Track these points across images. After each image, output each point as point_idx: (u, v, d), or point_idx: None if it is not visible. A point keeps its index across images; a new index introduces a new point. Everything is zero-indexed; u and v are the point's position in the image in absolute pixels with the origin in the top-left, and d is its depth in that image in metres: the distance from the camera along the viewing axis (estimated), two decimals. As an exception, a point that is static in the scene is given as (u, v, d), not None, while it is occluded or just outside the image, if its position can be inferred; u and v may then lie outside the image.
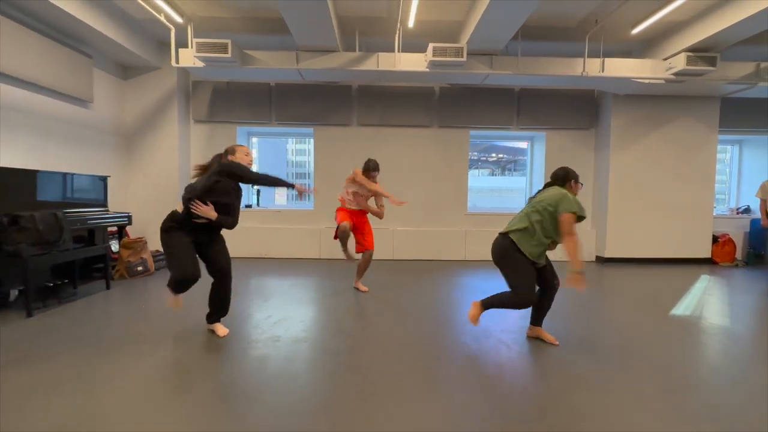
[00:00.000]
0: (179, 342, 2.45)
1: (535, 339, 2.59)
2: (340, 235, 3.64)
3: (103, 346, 2.37)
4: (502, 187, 7.97)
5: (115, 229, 4.55)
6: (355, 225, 3.68)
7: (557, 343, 2.50)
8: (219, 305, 2.57)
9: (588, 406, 1.75)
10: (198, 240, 2.41)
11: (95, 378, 1.96)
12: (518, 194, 7.33)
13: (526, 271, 2.35)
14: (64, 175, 3.99)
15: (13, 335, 2.53)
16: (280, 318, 2.98)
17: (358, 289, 3.88)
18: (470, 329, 2.74)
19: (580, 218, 2.29)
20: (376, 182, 3.67)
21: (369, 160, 3.66)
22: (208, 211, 2.29)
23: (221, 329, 2.57)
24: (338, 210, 3.79)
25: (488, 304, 2.45)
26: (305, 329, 2.74)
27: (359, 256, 3.79)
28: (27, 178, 3.54)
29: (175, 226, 2.33)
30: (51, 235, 3.08)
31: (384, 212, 3.79)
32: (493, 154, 7.75)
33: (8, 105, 3.69)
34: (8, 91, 3.69)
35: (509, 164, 7.49)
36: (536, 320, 2.59)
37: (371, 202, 3.82)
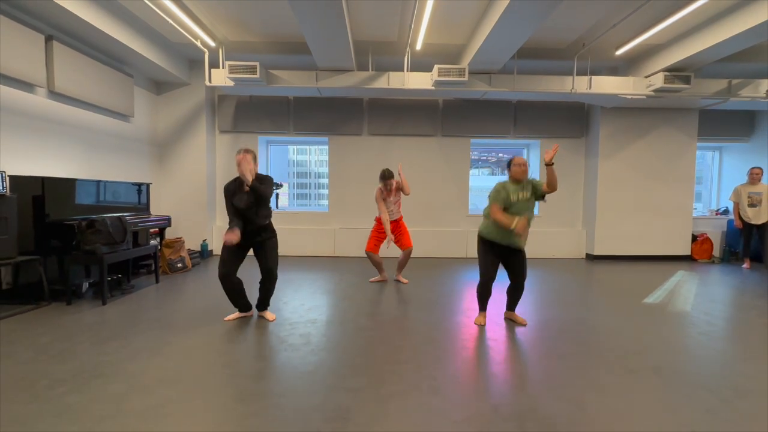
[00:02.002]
0: (239, 325, 3.02)
1: (509, 320, 3.19)
2: (372, 261, 4.36)
3: (178, 325, 2.94)
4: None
5: (156, 230, 5.11)
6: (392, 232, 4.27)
7: (526, 323, 3.07)
8: (261, 297, 3.13)
9: (562, 375, 2.32)
10: (248, 243, 2.98)
11: (177, 347, 2.52)
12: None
13: (482, 256, 2.99)
14: (115, 183, 4.55)
15: (97, 318, 3.09)
16: (312, 305, 3.54)
17: (399, 281, 4.50)
18: (471, 313, 3.31)
19: (505, 202, 2.85)
20: (393, 188, 4.22)
21: (383, 171, 4.22)
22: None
23: (270, 315, 3.14)
24: (372, 232, 4.38)
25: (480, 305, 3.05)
26: (335, 313, 3.31)
27: (384, 275, 4.50)
28: (85, 187, 4.09)
29: None
30: (118, 236, 3.64)
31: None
32: (493, 154, 8.31)
33: (62, 120, 4.23)
34: (62, 109, 4.23)
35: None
36: (510, 306, 3.17)
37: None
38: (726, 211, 6.79)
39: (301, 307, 3.47)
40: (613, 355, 2.51)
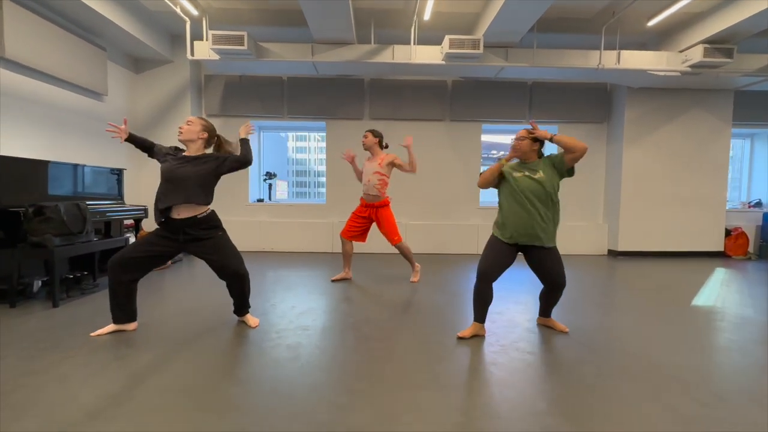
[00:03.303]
0: (212, 334, 2.45)
1: (544, 326, 2.62)
2: (342, 249, 3.85)
3: (137, 334, 2.37)
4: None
5: (131, 222, 4.55)
6: (375, 222, 3.71)
7: (567, 330, 2.51)
8: (237, 302, 2.55)
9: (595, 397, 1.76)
10: (173, 246, 2.43)
11: (129, 367, 1.96)
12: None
13: (487, 248, 2.43)
14: (81, 167, 3.98)
15: (41, 324, 2.53)
16: (305, 308, 2.98)
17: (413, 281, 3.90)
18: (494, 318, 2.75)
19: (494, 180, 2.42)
20: (370, 149, 3.74)
21: (378, 132, 3.77)
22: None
23: (252, 320, 2.56)
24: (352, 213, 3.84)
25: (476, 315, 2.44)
26: (333, 318, 2.75)
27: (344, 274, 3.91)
28: (41, 169, 3.52)
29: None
30: (75, 226, 3.07)
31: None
32: (494, 151, 7.72)
33: (25, 96, 3.68)
34: (25, 83, 3.68)
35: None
36: (544, 311, 2.60)
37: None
38: (759, 204, 6.24)
39: (292, 311, 2.91)
40: (670, 377, 1.95)
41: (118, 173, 4.47)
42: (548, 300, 2.53)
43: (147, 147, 2.40)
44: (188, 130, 2.30)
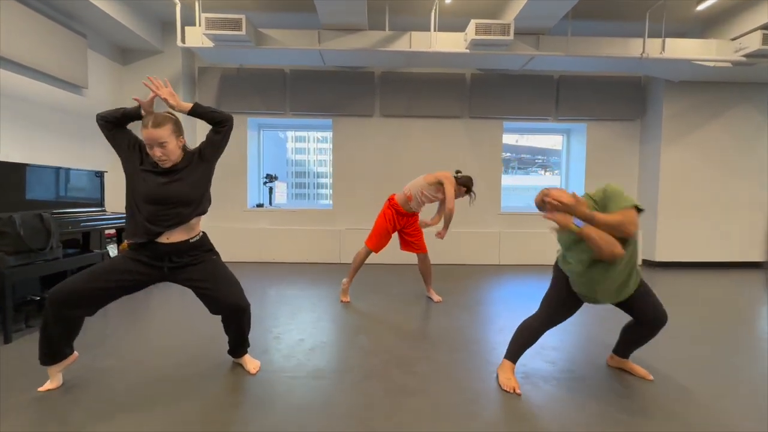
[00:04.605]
0: (200, 385, 1.91)
1: (617, 369, 2.08)
2: (357, 260, 3.29)
3: (110, 381, 1.83)
4: (530, 186, 7.47)
5: (113, 232, 4.00)
6: (402, 228, 3.24)
7: (651, 378, 1.96)
8: (234, 341, 2.00)
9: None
10: (153, 273, 1.85)
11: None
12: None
13: (554, 291, 1.91)
14: (56, 169, 3.45)
15: (-16, 370, 1.99)
16: (315, 342, 2.44)
17: (431, 298, 3.44)
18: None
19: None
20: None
21: (470, 179, 3.32)
22: None
23: (251, 363, 2.01)
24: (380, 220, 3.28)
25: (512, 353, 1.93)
26: (352, 358, 2.21)
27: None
28: (11, 172, 3.00)
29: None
30: (35, 242, 2.53)
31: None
32: (506, 153, 7.20)
33: (-14, 87, 3.14)
34: (-14, 71, 3.14)
35: (531, 165, 6.95)
36: (623, 351, 2.03)
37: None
38: (804, 209, 5.71)
39: (300, 346, 2.37)
40: None
41: (98, 176, 3.94)
42: (637, 338, 1.95)
43: (126, 119, 1.77)
44: (170, 152, 1.70)
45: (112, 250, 3.94)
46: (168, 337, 2.50)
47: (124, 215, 3.96)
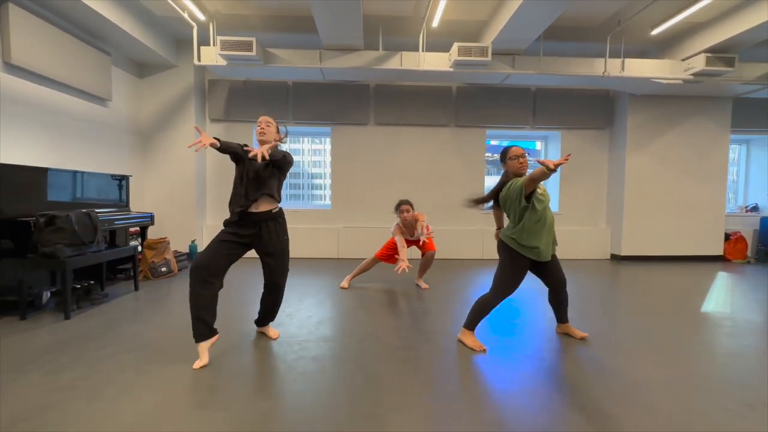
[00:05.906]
0: (235, 347, 2.42)
1: (563, 334, 2.65)
2: (365, 266, 3.92)
3: (157, 346, 2.34)
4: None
5: (137, 229, 4.48)
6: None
7: (586, 336, 2.56)
8: (265, 311, 2.51)
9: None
10: (246, 239, 2.30)
11: (156, 383, 1.92)
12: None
13: (510, 271, 2.44)
14: (87, 174, 3.92)
15: (56, 337, 2.48)
16: (322, 317, 2.96)
17: (419, 285, 3.99)
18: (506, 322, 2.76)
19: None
20: (410, 219, 3.65)
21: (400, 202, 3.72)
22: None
23: (273, 332, 2.55)
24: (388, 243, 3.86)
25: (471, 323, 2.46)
26: (351, 327, 2.73)
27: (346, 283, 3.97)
28: (42, 177, 3.45)
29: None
30: (86, 236, 3.02)
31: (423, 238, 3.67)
32: (488, 154, 7.73)
33: (27, 101, 3.60)
34: (28, 88, 3.60)
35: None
36: (561, 318, 2.63)
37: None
38: (756, 208, 6.36)
39: (309, 321, 2.89)
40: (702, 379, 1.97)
41: (124, 180, 4.41)
42: (560, 301, 2.57)
43: (237, 152, 2.24)
44: (269, 132, 2.36)
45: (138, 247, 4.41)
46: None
47: (147, 214, 4.46)
